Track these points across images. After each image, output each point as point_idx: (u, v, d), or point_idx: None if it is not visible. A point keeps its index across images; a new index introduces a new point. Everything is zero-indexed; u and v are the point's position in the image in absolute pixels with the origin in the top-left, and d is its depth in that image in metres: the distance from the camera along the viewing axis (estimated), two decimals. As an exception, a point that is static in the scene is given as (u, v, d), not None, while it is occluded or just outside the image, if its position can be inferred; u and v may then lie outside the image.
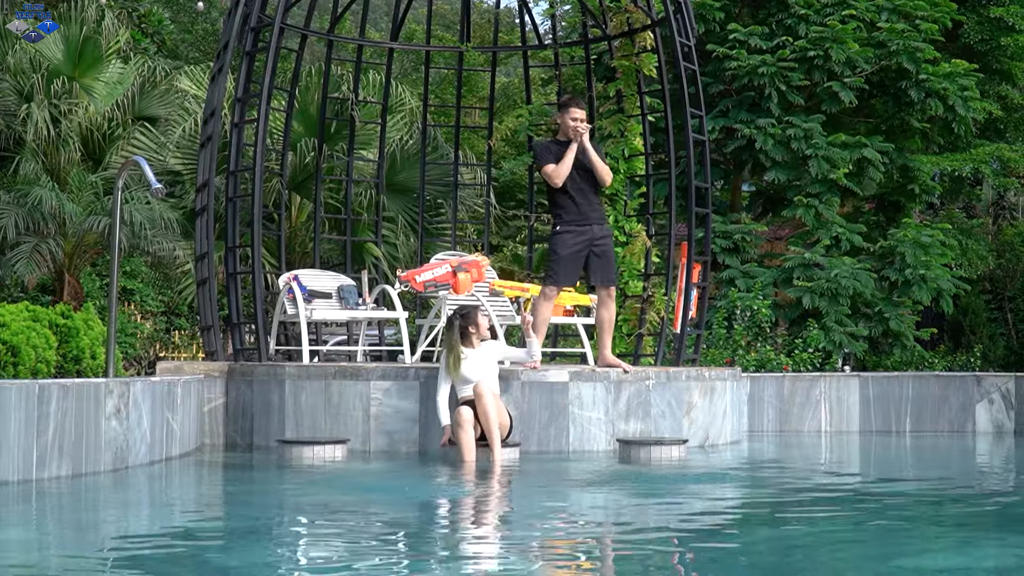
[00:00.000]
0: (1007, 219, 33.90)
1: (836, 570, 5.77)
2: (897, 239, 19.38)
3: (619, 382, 11.76)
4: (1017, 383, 15.39)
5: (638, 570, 5.81)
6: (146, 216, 17.49)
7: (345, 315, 13.57)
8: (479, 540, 6.68)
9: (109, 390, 9.30)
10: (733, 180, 21.60)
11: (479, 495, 8.74)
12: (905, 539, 6.53)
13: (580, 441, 11.59)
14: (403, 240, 18.92)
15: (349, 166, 16.49)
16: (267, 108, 13.31)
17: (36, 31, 17.92)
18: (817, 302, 18.31)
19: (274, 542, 6.49)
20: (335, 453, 10.82)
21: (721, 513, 7.92)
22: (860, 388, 15.28)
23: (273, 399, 11.78)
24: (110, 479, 8.96)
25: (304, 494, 8.78)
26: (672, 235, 14.13)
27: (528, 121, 17.29)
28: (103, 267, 21.57)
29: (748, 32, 19.80)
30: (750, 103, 19.92)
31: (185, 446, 11.01)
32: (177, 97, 19.45)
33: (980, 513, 8.09)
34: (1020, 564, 5.93)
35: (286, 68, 21.66)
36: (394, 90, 19.69)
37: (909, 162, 21.05)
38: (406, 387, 11.45)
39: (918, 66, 19.85)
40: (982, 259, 23.79)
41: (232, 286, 13.32)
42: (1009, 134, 24.56)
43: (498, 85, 26.36)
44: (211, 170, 13.51)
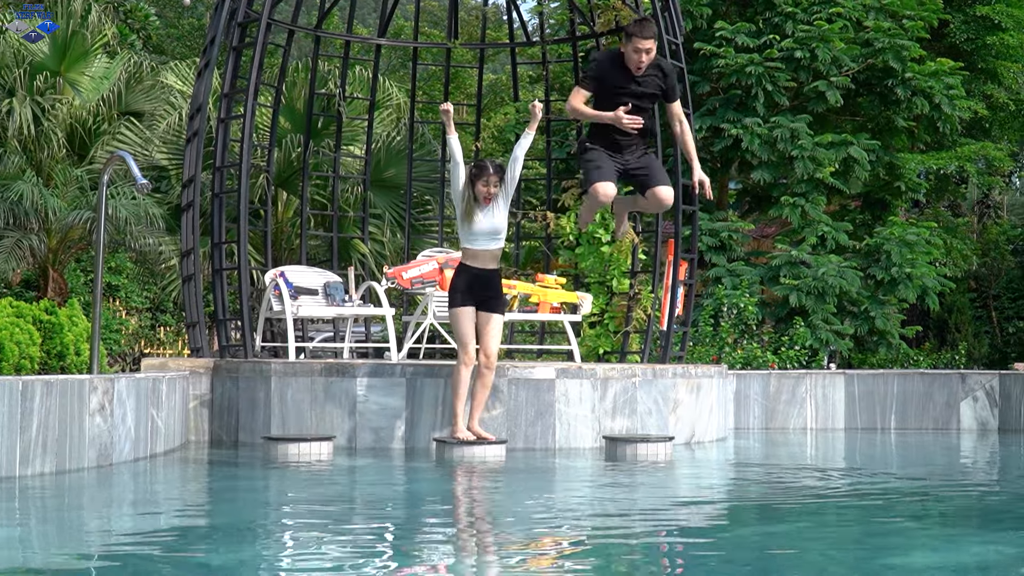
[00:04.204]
0: (992, 218, 34.04)
1: (822, 567, 5.76)
2: (883, 237, 19.42)
3: (605, 379, 11.76)
4: (1001, 381, 15.43)
5: (623, 569, 5.80)
6: (131, 212, 17.45)
7: (331, 312, 13.55)
8: (464, 536, 6.67)
9: (93, 387, 9.27)
10: (720, 178, 21.62)
11: (465, 491, 8.72)
12: (891, 536, 6.52)
13: (566, 438, 11.59)
14: (390, 237, 18.90)
15: (336, 162, 16.46)
16: (254, 104, 13.29)
17: (36, 31, 17.89)
18: (803, 300, 18.34)
19: (259, 540, 6.47)
20: (321, 450, 10.79)
21: (706, 510, 7.91)
22: (845, 385, 15.30)
23: (259, 396, 11.76)
24: (94, 476, 8.93)
25: (290, 491, 8.76)
26: (659, 233, 14.14)
27: (515, 119, 17.28)
28: (88, 263, 21.54)
29: (735, 30, 19.81)
30: (737, 102, 19.94)
31: (170, 443, 10.98)
32: (163, 92, 19.40)
33: (965, 510, 8.10)
34: (1004, 561, 5.93)
35: (273, 64, 21.64)
36: (381, 86, 19.67)
37: (895, 160, 21.09)
38: (392, 384, 11.44)
39: (904, 65, 19.89)
40: (967, 257, 23.88)
41: (218, 282, 13.30)
42: (994, 133, 24.63)
43: (485, 82, 26.36)
44: (197, 166, 13.49)
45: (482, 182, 10.60)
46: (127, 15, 25.42)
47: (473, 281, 10.65)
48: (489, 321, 10.68)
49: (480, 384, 10.70)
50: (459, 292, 10.66)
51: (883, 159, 20.76)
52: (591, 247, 15.22)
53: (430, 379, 11.46)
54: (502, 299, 10.94)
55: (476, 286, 10.64)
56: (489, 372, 10.71)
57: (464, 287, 10.66)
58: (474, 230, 10.63)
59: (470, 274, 10.68)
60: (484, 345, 10.68)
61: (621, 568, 5.80)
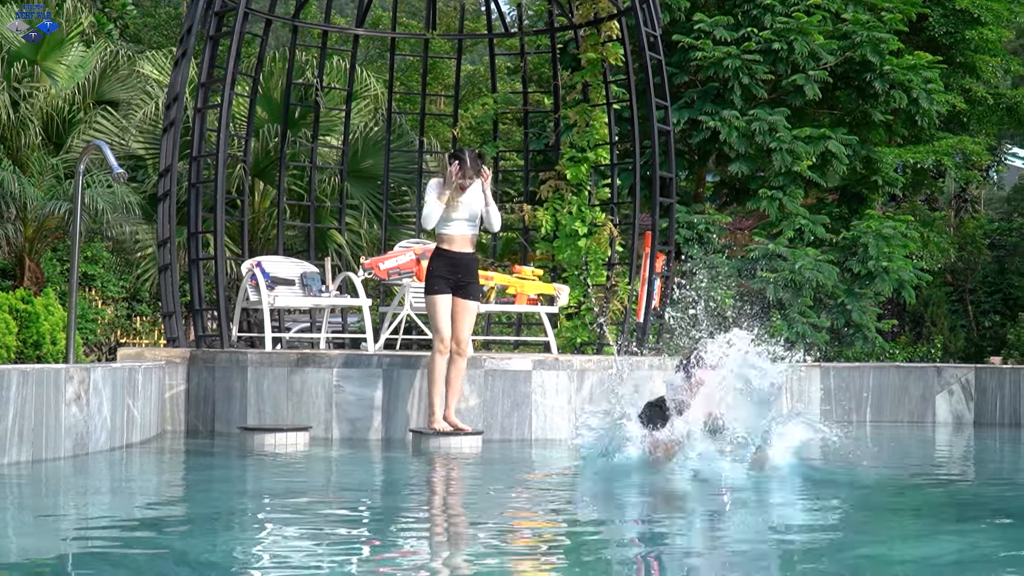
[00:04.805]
0: (969, 212, 34.13)
1: (799, 560, 5.77)
2: (860, 231, 19.45)
3: (582, 371, 11.77)
4: (977, 374, 15.49)
5: (600, 564, 5.81)
6: (107, 201, 17.37)
7: (308, 302, 13.54)
8: (438, 526, 6.67)
9: (69, 376, 9.25)
10: (697, 171, 21.63)
11: (441, 482, 8.73)
12: (868, 528, 6.54)
13: (543, 429, 11.61)
14: (367, 227, 18.86)
15: (313, 152, 16.43)
16: (231, 93, 13.24)
17: (36, 31, 17.83)
18: (780, 293, 18.37)
19: (235, 529, 6.46)
20: (297, 440, 10.79)
21: (681, 501, 7.92)
22: (821, 378, 15.34)
23: (235, 386, 11.74)
24: (70, 465, 8.91)
25: (266, 481, 8.75)
26: (636, 225, 14.14)
27: (494, 110, 17.27)
28: (64, 252, 21.44)
29: (713, 23, 19.80)
30: (715, 95, 19.95)
31: (146, 432, 10.96)
32: (139, 81, 19.31)
33: (940, 503, 8.12)
34: (981, 554, 5.96)
35: (250, 53, 21.56)
36: (359, 76, 19.62)
37: (872, 154, 21.13)
38: (369, 374, 11.44)
39: (882, 58, 19.92)
40: (943, 251, 23.93)
41: (194, 272, 13.27)
42: (972, 127, 24.67)
43: (464, 73, 26.34)
44: (174, 155, 13.45)
45: (459, 173, 10.61)
46: (104, 4, 25.31)
47: (450, 265, 10.64)
48: (464, 309, 10.68)
49: (454, 372, 10.69)
50: (436, 277, 10.65)
51: (860, 153, 20.79)
52: (568, 239, 15.22)
53: (406, 370, 11.46)
54: (478, 286, 10.94)
55: (453, 270, 10.64)
56: (461, 359, 10.71)
57: (441, 272, 10.64)
58: (451, 215, 10.64)
59: (447, 258, 10.67)
60: (457, 332, 10.67)
61: (592, 559, 5.81)
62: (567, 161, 15.38)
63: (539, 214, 15.45)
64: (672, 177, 14.34)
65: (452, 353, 10.67)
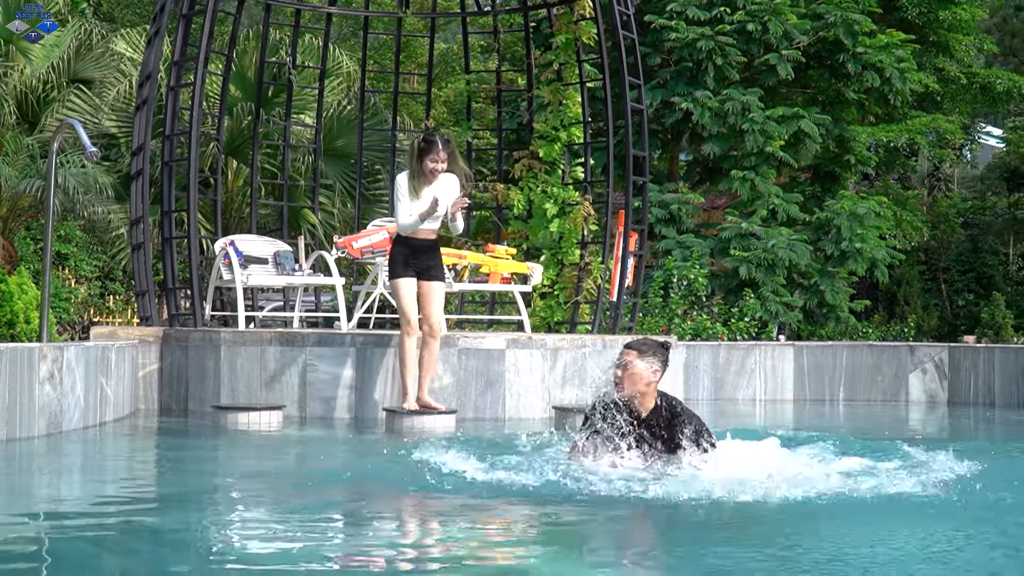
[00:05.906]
0: (942, 190, 34.26)
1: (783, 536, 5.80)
2: (833, 211, 19.52)
3: (556, 350, 11.81)
4: (951, 353, 15.56)
5: (573, 541, 5.84)
6: (80, 180, 17.34)
7: (281, 281, 13.54)
8: (412, 505, 6.69)
9: (43, 355, 9.24)
10: (671, 150, 21.67)
11: (414, 461, 8.74)
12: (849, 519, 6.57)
13: (516, 408, 11.64)
14: (340, 206, 18.86)
15: (286, 131, 16.41)
16: (204, 72, 13.21)
17: (36, 31, 17.75)
18: (753, 272, 18.43)
19: (207, 508, 6.48)
20: (270, 419, 10.80)
21: (648, 486, 7.92)
22: (795, 357, 15.41)
23: (208, 365, 11.74)
24: (44, 444, 8.90)
25: (239, 460, 8.76)
26: (609, 204, 14.17)
27: (466, 91, 17.28)
28: (37, 231, 21.39)
29: (686, 2, 19.83)
30: (688, 75, 19.98)
31: (119, 411, 10.96)
32: (113, 60, 19.26)
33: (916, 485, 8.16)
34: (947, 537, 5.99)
35: (223, 32, 21.51)
36: (332, 55, 19.59)
37: (845, 133, 21.21)
38: (342, 353, 11.45)
39: (855, 39, 19.97)
40: (917, 230, 24.04)
41: (167, 251, 13.26)
42: (946, 106, 24.78)
43: (437, 51, 26.31)
44: (147, 134, 13.43)
45: (430, 157, 10.56)
46: (77, -18, 25.21)
47: (412, 253, 10.63)
48: (431, 290, 10.66)
49: (427, 353, 10.69)
50: (398, 264, 10.64)
51: (833, 132, 20.87)
52: (542, 219, 15.24)
53: (379, 349, 11.47)
54: (442, 267, 10.93)
55: (415, 257, 10.63)
56: (434, 340, 10.71)
57: (403, 259, 10.64)
58: (414, 210, 10.59)
59: (408, 246, 10.65)
60: (427, 314, 10.67)
61: (565, 531, 5.84)
62: (540, 140, 15.39)
63: (512, 193, 15.46)
64: (645, 156, 14.37)
65: (424, 335, 10.66)
